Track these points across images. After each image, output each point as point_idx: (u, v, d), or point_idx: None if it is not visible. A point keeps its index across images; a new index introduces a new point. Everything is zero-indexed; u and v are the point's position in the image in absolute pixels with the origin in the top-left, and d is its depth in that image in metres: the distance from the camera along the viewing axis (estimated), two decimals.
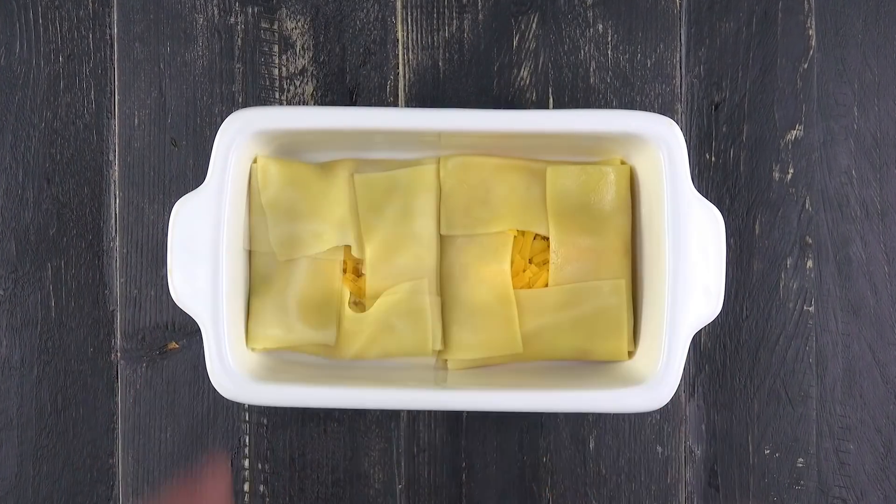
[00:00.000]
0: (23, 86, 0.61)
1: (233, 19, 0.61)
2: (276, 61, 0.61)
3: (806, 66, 0.62)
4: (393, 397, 0.53)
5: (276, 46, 0.61)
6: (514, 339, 0.56)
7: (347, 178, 0.57)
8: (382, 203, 0.57)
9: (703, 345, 0.61)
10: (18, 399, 0.61)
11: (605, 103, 0.61)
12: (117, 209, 0.61)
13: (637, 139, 0.54)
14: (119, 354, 0.61)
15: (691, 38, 0.62)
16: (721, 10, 0.62)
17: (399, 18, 0.62)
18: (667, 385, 0.52)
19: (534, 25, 0.62)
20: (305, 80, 0.61)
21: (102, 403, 0.61)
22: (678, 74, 0.62)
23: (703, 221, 0.52)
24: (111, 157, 0.61)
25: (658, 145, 0.53)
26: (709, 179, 0.62)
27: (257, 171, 0.56)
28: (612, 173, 0.57)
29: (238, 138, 0.53)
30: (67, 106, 0.61)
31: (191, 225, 0.52)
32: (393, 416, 0.61)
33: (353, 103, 0.62)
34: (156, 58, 0.61)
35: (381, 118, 0.53)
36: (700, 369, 0.61)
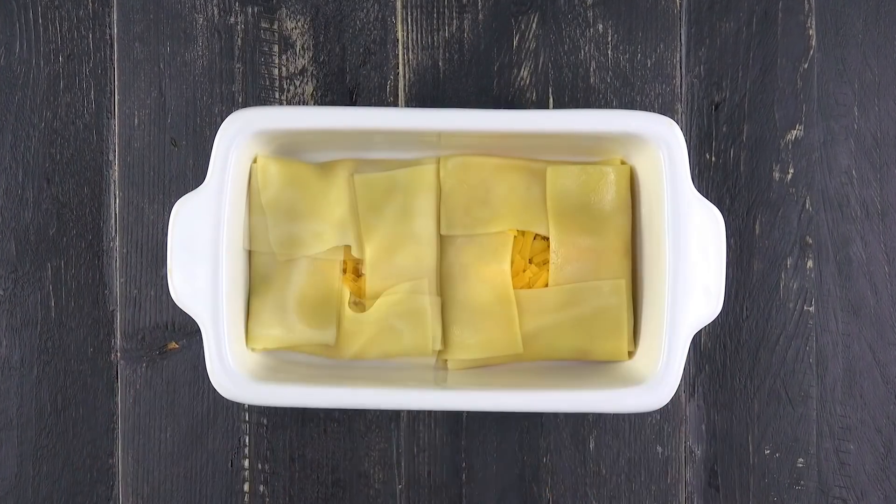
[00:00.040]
0: (23, 86, 0.61)
1: (233, 19, 0.61)
2: (276, 61, 0.61)
3: (806, 65, 0.62)
4: (393, 397, 0.53)
5: (276, 46, 0.61)
6: (515, 339, 0.56)
7: (347, 178, 0.57)
8: (382, 203, 0.57)
9: (703, 345, 0.61)
10: (18, 399, 0.61)
11: (605, 103, 0.61)
12: (117, 209, 0.61)
13: (637, 139, 0.54)
14: (119, 354, 0.61)
15: (691, 38, 0.62)
16: (721, 10, 0.62)
17: (399, 18, 0.62)
18: (667, 385, 0.52)
19: (534, 25, 0.61)
20: (305, 80, 0.61)
21: (102, 403, 0.61)
22: (678, 74, 0.62)
23: (704, 221, 0.52)
24: (111, 157, 0.61)
25: (658, 145, 0.53)
26: (709, 179, 0.61)
27: (257, 170, 0.56)
28: (612, 173, 0.57)
29: (238, 138, 0.52)
30: (67, 106, 0.61)
31: (191, 225, 0.52)
32: (393, 416, 0.61)
33: (353, 103, 0.62)
34: (156, 58, 0.61)
35: (381, 118, 0.53)
36: (700, 369, 0.61)
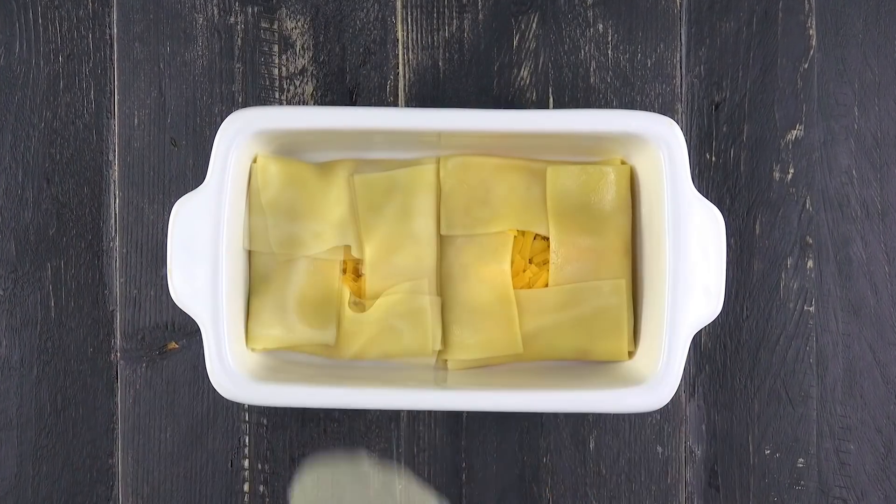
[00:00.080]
0: (22, 86, 0.61)
1: (233, 19, 0.61)
2: (276, 61, 0.61)
3: (806, 65, 0.61)
4: (393, 398, 0.53)
5: (276, 46, 0.61)
6: (515, 339, 0.56)
7: (347, 178, 0.57)
8: (382, 203, 0.57)
9: (703, 345, 0.61)
10: (18, 399, 0.61)
11: (605, 103, 0.61)
12: (117, 209, 0.61)
13: (637, 139, 0.53)
14: (119, 354, 0.61)
15: (691, 38, 0.62)
16: (721, 10, 0.62)
17: (399, 18, 0.62)
18: (667, 385, 0.52)
19: (534, 25, 0.61)
20: (305, 79, 0.61)
21: (102, 403, 0.61)
22: (678, 74, 0.62)
23: (704, 221, 0.52)
24: (111, 157, 0.61)
25: (658, 145, 0.53)
26: (709, 179, 0.61)
27: (257, 170, 0.56)
28: (612, 173, 0.57)
29: (238, 138, 0.52)
30: (67, 106, 0.61)
31: (191, 225, 0.52)
32: (393, 416, 0.61)
33: (353, 103, 0.62)
34: (155, 58, 0.61)
35: (381, 118, 0.53)
36: (700, 369, 0.61)
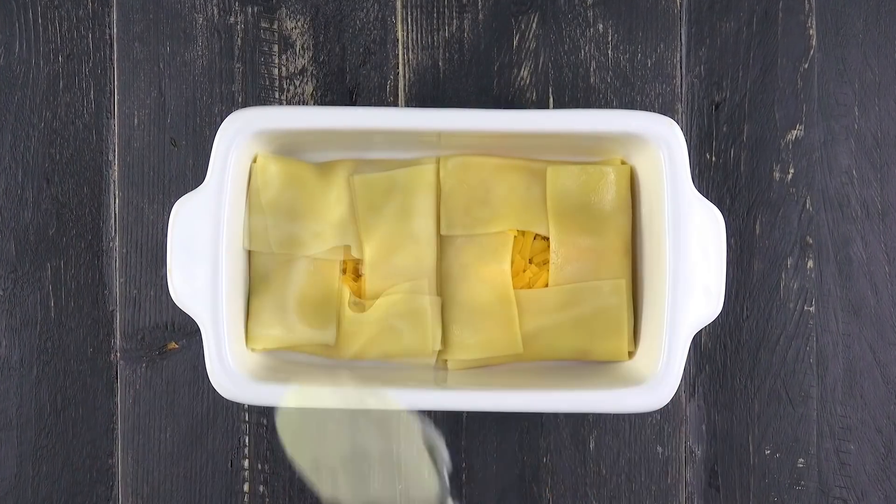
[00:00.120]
0: (22, 85, 0.61)
1: (232, 19, 0.61)
2: (276, 61, 0.61)
3: (806, 65, 0.61)
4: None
5: (276, 46, 0.61)
6: (515, 339, 0.56)
7: (347, 178, 0.57)
8: (381, 203, 0.56)
9: (703, 345, 0.61)
10: (18, 399, 0.61)
11: (605, 103, 0.61)
12: (117, 209, 0.61)
13: (637, 139, 0.53)
14: (118, 354, 0.61)
15: (692, 38, 0.62)
16: (721, 10, 0.62)
17: (399, 18, 0.62)
18: (667, 385, 0.52)
19: (534, 25, 0.61)
20: (305, 79, 0.61)
21: (102, 404, 0.61)
22: (678, 74, 0.62)
23: (704, 221, 0.52)
24: (111, 157, 0.61)
25: (658, 145, 0.53)
26: (709, 179, 0.61)
27: (257, 170, 0.56)
28: (612, 173, 0.57)
29: (238, 138, 0.52)
30: (67, 106, 0.61)
31: (190, 225, 0.52)
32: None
33: (353, 103, 0.61)
34: (155, 58, 0.61)
35: (381, 118, 0.53)
36: (700, 369, 0.61)
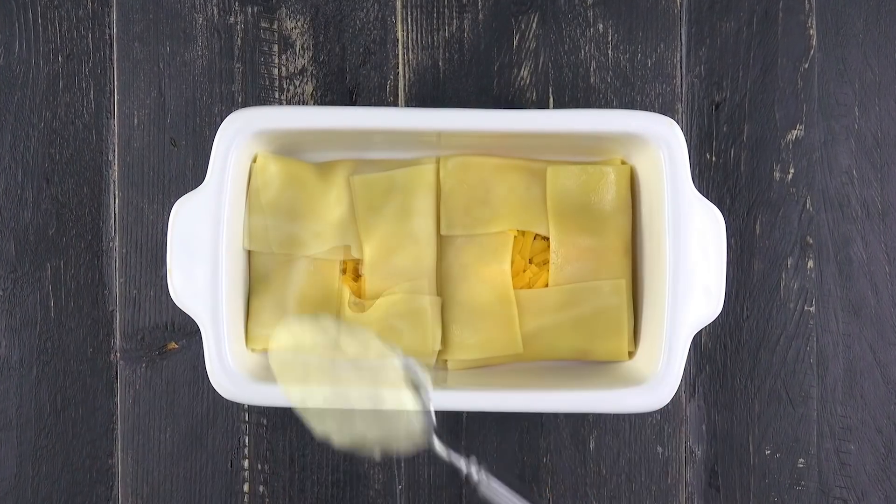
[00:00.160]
0: (22, 85, 0.61)
1: (232, 19, 0.61)
2: (276, 61, 0.61)
3: (807, 65, 0.61)
4: None
5: (276, 46, 0.61)
6: (515, 339, 0.56)
7: (347, 178, 0.57)
8: (381, 203, 0.56)
9: (703, 345, 0.61)
10: (17, 399, 0.61)
11: (605, 103, 0.61)
12: (116, 209, 0.61)
13: (637, 139, 0.53)
14: (118, 355, 0.61)
15: (692, 38, 0.62)
16: (721, 10, 0.62)
17: (399, 18, 0.62)
18: (667, 385, 0.52)
19: (534, 25, 0.61)
20: (305, 79, 0.61)
21: (102, 404, 0.61)
22: (678, 74, 0.62)
23: (704, 221, 0.52)
24: (110, 157, 0.61)
25: (658, 145, 0.53)
26: (709, 179, 0.61)
27: (257, 170, 0.56)
28: (612, 173, 0.57)
29: (238, 138, 0.52)
30: (67, 106, 0.61)
31: (190, 225, 0.52)
32: None
33: (353, 103, 0.61)
34: (155, 58, 0.61)
35: (381, 118, 0.53)
36: (701, 369, 0.61)
